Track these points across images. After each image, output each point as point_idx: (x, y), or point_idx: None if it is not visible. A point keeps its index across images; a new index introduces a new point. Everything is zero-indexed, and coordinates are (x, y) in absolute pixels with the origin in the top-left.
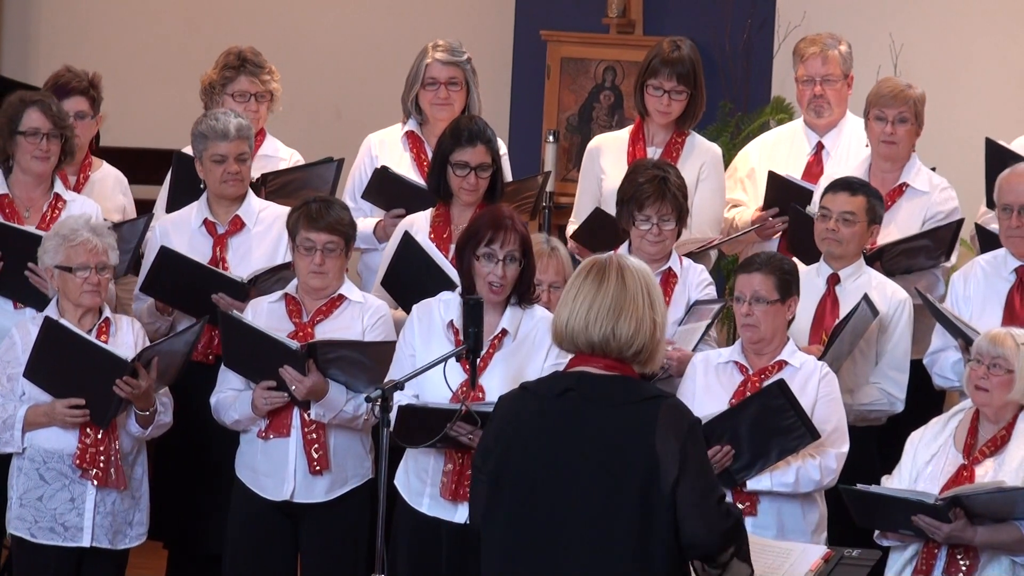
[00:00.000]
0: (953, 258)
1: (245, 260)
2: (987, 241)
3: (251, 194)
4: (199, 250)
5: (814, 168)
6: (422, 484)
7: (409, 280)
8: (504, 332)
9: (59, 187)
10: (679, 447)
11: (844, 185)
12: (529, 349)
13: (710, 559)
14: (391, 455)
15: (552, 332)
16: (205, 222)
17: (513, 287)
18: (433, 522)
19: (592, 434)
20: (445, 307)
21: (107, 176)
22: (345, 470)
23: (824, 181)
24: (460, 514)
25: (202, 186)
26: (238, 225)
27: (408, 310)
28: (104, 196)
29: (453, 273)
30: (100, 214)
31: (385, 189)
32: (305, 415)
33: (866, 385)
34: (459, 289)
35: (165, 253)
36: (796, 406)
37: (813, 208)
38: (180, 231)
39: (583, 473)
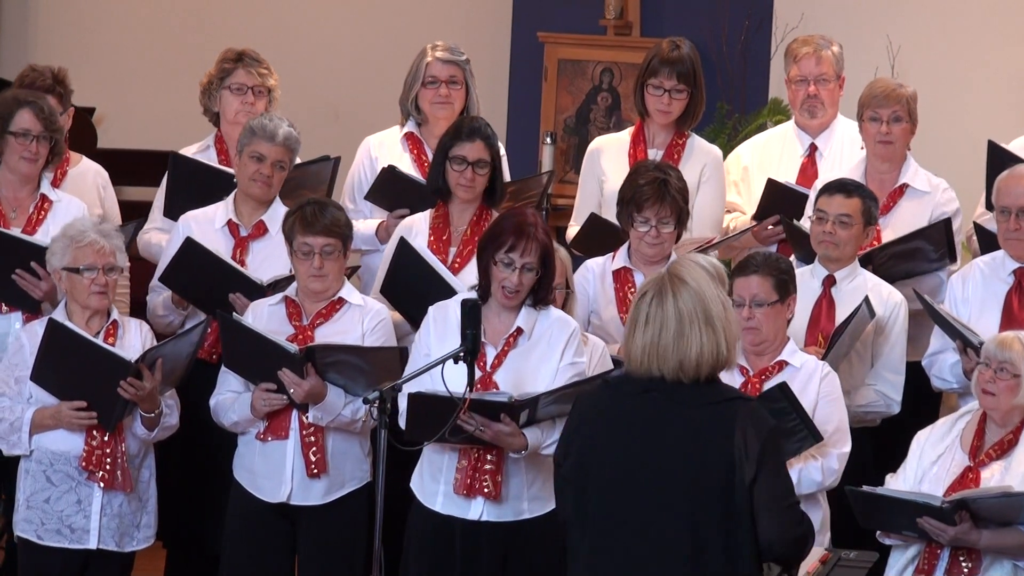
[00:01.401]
0: (960, 261)
1: (264, 265)
2: (986, 240)
3: (278, 201)
4: (220, 250)
5: (808, 170)
6: (436, 483)
7: (407, 286)
8: (519, 331)
9: (45, 187)
10: (759, 447)
11: (839, 187)
12: (544, 349)
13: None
14: (390, 459)
15: (627, 365)
16: (229, 223)
17: (528, 291)
18: (447, 520)
19: (675, 433)
20: (460, 307)
21: (86, 171)
22: (343, 473)
23: (820, 183)
24: (473, 510)
25: (234, 180)
26: (261, 230)
27: (407, 317)
28: (83, 191)
29: (450, 278)
30: (87, 213)
31: (391, 189)
32: (303, 418)
33: (862, 387)
34: (467, 288)
35: (190, 244)
36: (798, 408)
37: (808, 212)
38: (203, 228)
39: (667, 471)
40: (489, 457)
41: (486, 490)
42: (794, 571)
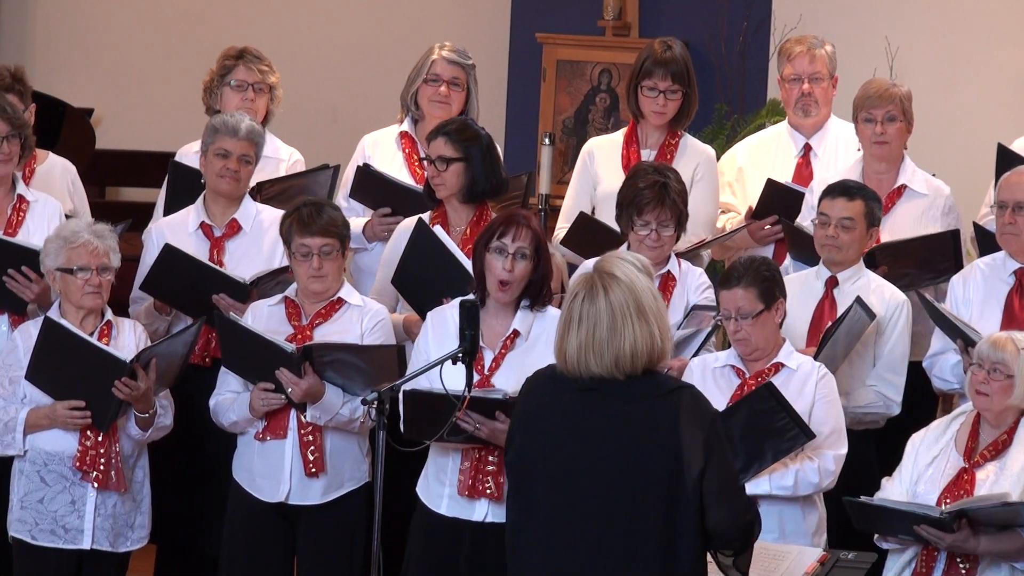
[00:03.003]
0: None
1: (242, 263)
2: (986, 240)
3: (248, 199)
4: (196, 254)
5: (803, 170)
6: (441, 485)
7: (421, 274)
8: (516, 333)
9: (21, 188)
10: (703, 437)
11: (842, 190)
12: (542, 350)
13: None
14: (389, 459)
15: (558, 361)
16: (202, 225)
17: (524, 289)
18: (452, 522)
19: (617, 429)
20: (458, 312)
21: (53, 167)
22: (341, 473)
23: (816, 185)
24: (478, 511)
25: (202, 180)
26: (235, 228)
27: (418, 309)
28: (52, 187)
29: (467, 261)
30: (62, 212)
31: (368, 187)
32: (302, 417)
33: (862, 387)
34: (474, 289)
35: (169, 251)
36: (787, 407)
37: (807, 212)
38: (177, 233)
39: (609, 465)
40: (491, 458)
41: (488, 491)
42: (744, 556)
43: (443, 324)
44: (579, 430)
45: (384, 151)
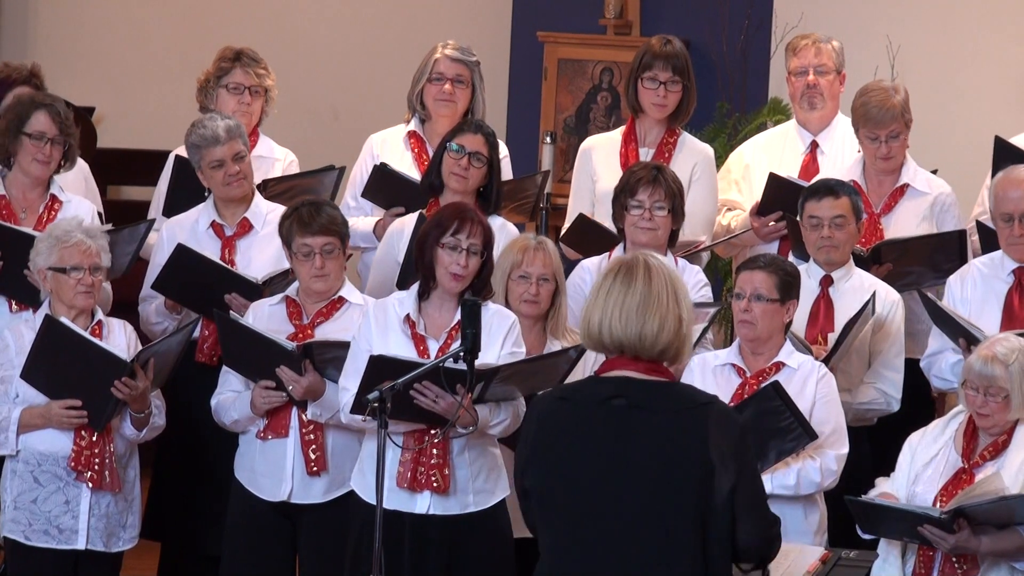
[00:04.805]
0: None
1: (253, 262)
2: (987, 238)
3: (258, 196)
4: (207, 253)
5: (810, 167)
6: None
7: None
8: (460, 324)
9: (55, 188)
10: (733, 452)
11: (826, 190)
12: (485, 340)
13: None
14: None
15: (581, 334)
16: (212, 224)
17: (471, 281)
18: (392, 515)
19: (643, 442)
20: (400, 304)
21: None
22: (343, 471)
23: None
24: (420, 504)
25: (207, 194)
26: (246, 227)
27: None
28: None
29: None
30: (95, 215)
31: (384, 186)
32: (303, 416)
33: (862, 384)
34: (416, 286)
35: (182, 251)
36: (792, 407)
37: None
38: (187, 233)
39: (636, 481)
40: (435, 451)
41: (435, 484)
42: (767, 570)
43: (385, 313)
44: (607, 444)
45: (392, 151)
